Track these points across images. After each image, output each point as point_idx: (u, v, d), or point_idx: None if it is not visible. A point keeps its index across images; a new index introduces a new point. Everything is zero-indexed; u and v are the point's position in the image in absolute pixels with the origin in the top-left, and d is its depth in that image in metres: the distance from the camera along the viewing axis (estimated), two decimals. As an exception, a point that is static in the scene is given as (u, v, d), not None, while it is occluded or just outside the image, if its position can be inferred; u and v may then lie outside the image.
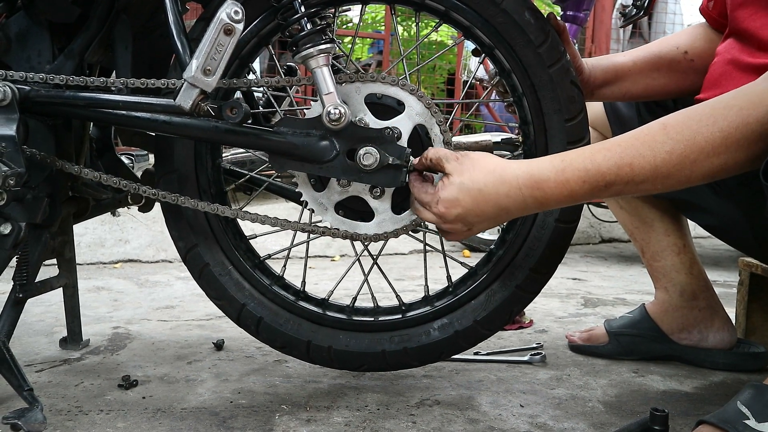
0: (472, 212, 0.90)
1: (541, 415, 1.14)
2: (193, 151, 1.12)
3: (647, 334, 1.44)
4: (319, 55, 0.97)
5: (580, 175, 0.85)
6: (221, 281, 1.14)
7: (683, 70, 1.27)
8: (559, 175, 0.86)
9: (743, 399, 0.90)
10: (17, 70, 1.04)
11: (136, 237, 2.90)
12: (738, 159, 0.80)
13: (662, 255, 1.41)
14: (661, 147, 0.81)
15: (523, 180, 0.88)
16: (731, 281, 2.59)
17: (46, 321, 1.73)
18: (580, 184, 0.85)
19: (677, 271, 1.41)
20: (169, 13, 1.00)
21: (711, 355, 1.40)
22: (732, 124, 0.79)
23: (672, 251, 1.41)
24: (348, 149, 1.00)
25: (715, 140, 0.79)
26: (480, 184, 0.89)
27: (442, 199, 0.91)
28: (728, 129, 0.79)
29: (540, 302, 2.06)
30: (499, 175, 0.89)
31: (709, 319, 1.41)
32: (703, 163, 0.80)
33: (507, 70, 1.08)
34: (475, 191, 0.89)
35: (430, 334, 1.15)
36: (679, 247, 1.40)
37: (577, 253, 3.30)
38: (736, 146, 0.79)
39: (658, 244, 1.41)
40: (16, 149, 0.97)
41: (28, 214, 1.05)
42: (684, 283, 1.41)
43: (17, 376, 1.04)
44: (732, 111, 0.79)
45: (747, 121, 0.78)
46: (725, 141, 0.79)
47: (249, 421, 1.08)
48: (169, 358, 1.42)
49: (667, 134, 0.82)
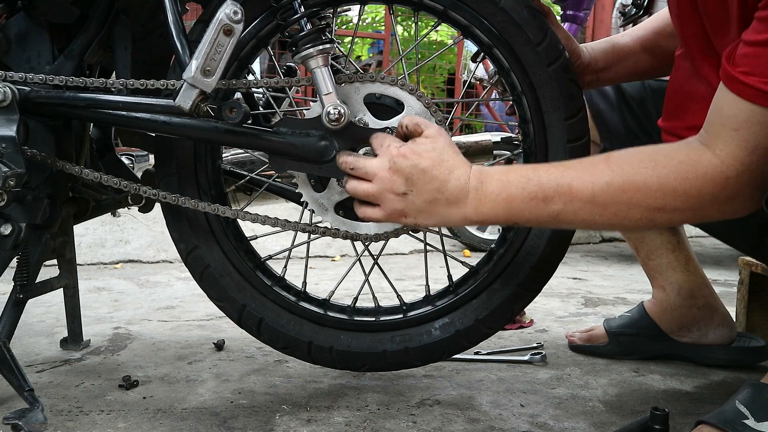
0: (425, 173, 0.87)
1: (542, 415, 1.14)
2: (193, 151, 1.12)
3: (647, 333, 1.44)
4: (319, 55, 0.97)
5: (521, 182, 0.86)
6: (222, 283, 1.14)
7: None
8: (502, 175, 0.88)
9: (742, 398, 0.90)
10: (17, 71, 1.04)
11: (136, 237, 2.90)
12: (677, 207, 0.81)
13: (657, 253, 1.41)
14: (601, 176, 0.83)
15: (474, 170, 0.89)
16: (732, 280, 2.58)
17: (46, 321, 1.73)
18: (519, 190, 0.85)
19: (673, 269, 1.41)
20: (168, 13, 1.00)
21: (711, 351, 1.40)
22: (671, 174, 0.80)
23: (666, 249, 1.40)
24: (347, 149, 1.00)
25: (652, 184, 0.81)
26: (445, 155, 0.88)
27: (409, 146, 0.89)
28: (666, 177, 0.80)
29: (540, 302, 2.06)
30: (461, 159, 0.89)
31: (708, 316, 1.41)
32: (640, 203, 0.81)
33: (506, 69, 1.08)
34: (437, 158, 0.88)
35: (432, 333, 1.15)
36: (674, 244, 1.40)
37: (577, 252, 3.30)
38: (674, 195, 0.80)
39: (652, 243, 1.41)
40: (16, 150, 0.97)
41: (29, 214, 1.05)
42: (681, 281, 1.41)
43: (18, 377, 1.04)
44: (672, 162, 0.81)
45: (686, 176, 0.80)
46: (662, 187, 0.80)
47: (249, 421, 1.08)
48: (170, 359, 1.42)
49: (609, 166, 0.83)
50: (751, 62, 0.76)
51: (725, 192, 0.79)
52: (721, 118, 0.80)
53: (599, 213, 0.83)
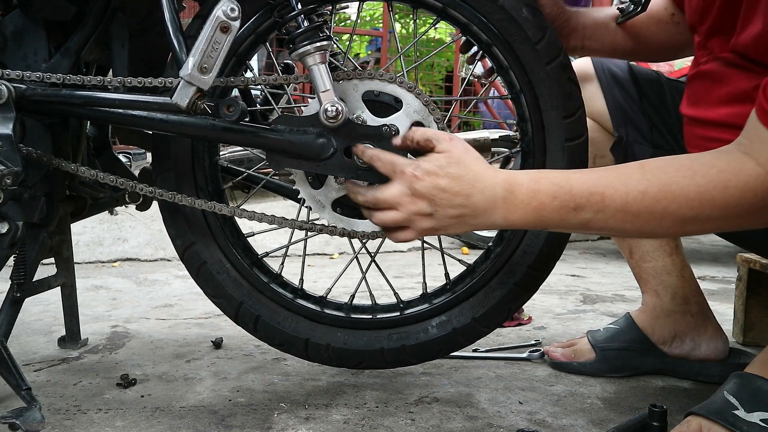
0: (446, 192, 0.86)
1: (540, 412, 1.14)
2: (191, 149, 1.12)
3: (636, 347, 1.35)
4: (316, 52, 0.97)
5: (552, 189, 0.84)
6: (219, 279, 1.14)
7: (670, 29, 1.27)
8: (533, 183, 0.86)
9: (730, 389, 0.90)
10: (13, 68, 1.03)
11: (134, 236, 2.90)
12: (711, 216, 0.80)
13: (653, 255, 1.35)
14: (635, 185, 0.81)
15: (501, 179, 0.87)
16: (730, 277, 2.59)
17: (44, 320, 1.73)
18: (550, 199, 0.84)
19: (668, 273, 1.35)
20: (165, 10, 0.99)
21: (705, 367, 1.32)
22: (710, 183, 0.79)
23: (663, 252, 1.35)
24: (345, 146, 0.99)
25: (689, 192, 0.79)
26: (463, 167, 0.87)
27: (423, 166, 0.88)
28: (705, 186, 0.79)
29: (539, 299, 2.06)
30: (484, 167, 0.88)
31: (702, 325, 1.34)
32: (675, 212, 0.80)
33: (505, 67, 1.07)
34: (456, 174, 0.86)
35: (429, 331, 1.15)
36: (671, 248, 1.35)
37: (575, 249, 3.30)
38: (711, 204, 0.79)
39: (648, 244, 1.36)
40: (12, 148, 0.97)
41: (26, 213, 1.04)
42: (676, 286, 1.34)
43: (15, 376, 1.04)
44: (712, 170, 0.80)
45: (726, 185, 0.78)
46: (700, 196, 0.79)
47: (248, 419, 1.08)
48: (168, 357, 1.42)
49: (643, 174, 0.82)
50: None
51: (765, 201, 0.78)
52: (758, 131, 0.78)
53: (631, 222, 0.82)
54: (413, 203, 0.88)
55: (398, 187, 0.89)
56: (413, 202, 0.88)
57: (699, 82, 1.05)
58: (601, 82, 1.33)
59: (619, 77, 1.34)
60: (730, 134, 0.84)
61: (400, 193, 0.89)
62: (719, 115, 0.95)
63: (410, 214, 0.89)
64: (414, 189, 0.87)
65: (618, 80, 1.34)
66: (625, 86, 1.33)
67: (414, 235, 0.92)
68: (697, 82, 1.06)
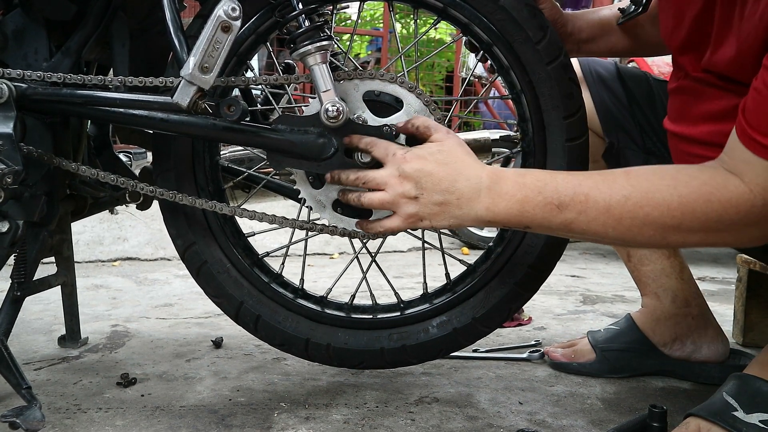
0: (431, 175, 0.88)
1: (540, 412, 1.14)
2: (191, 148, 1.12)
3: (636, 348, 1.34)
4: (317, 52, 0.97)
5: (538, 185, 0.86)
6: (219, 279, 1.14)
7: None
8: (519, 177, 0.88)
9: (729, 390, 0.90)
10: (14, 67, 1.03)
11: (134, 235, 2.90)
12: (693, 228, 0.80)
13: (651, 258, 1.35)
14: (620, 189, 0.82)
15: (487, 170, 0.88)
16: (730, 278, 2.59)
17: (44, 319, 1.73)
18: (535, 193, 0.85)
19: (668, 276, 1.34)
20: (166, 10, 1.00)
21: (706, 369, 1.32)
22: (692, 194, 0.79)
23: (662, 254, 1.34)
24: (346, 146, 0.99)
25: (671, 201, 0.80)
26: (452, 156, 0.89)
27: (415, 151, 0.90)
28: (687, 197, 0.79)
29: (539, 299, 2.06)
30: (472, 160, 0.90)
31: (703, 327, 1.33)
32: (656, 220, 0.80)
33: (505, 67, 1.07)
34: (443, 161, 0.88)
35: (429, 331, 1.15)
36: (670, 250, 1.34)
37: (576, 249, 3.30)
38: (692, 216, 0.79)
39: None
40: (13, 147, 0.97)
41: (26, 212, 1.04)
42: (676, 288, 1.34)
43: (15, 375, 1.04)
44: (695, 182, 0.80)
45: (708, 198, 0.79)
46: (681, 207, 0.79)
47: (248, 418, 1.08)
48: (168, 356, 1.42)
49: (628, 180, 0.83)
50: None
51: (747, 219, 0.78)
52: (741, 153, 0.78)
53: (613, 226, 0.83)
54: (400, 184, 0.90)
55: (389, 168, 0.92)
56: (400, 183, 0.90)
57: (679, 96, 1.05)
58: (589, 85, 1.32)
59: (606, 79, 1.33)
60: (713, 152, 0.84)
61: (389, 174, 0.91)
62: (701, 133, 0.95)
63: (396, 196, 0.90)
64: (402, 170, 0.89)
65: (605, 83, 1.33)
66: (613, 89, 1.33)
67: (398, 221, 0.92)
68: (677, 96, 1.06)
